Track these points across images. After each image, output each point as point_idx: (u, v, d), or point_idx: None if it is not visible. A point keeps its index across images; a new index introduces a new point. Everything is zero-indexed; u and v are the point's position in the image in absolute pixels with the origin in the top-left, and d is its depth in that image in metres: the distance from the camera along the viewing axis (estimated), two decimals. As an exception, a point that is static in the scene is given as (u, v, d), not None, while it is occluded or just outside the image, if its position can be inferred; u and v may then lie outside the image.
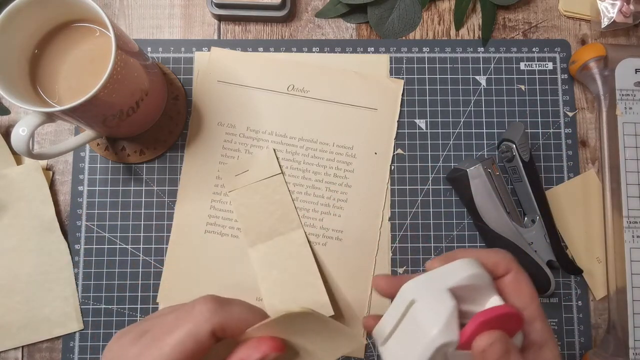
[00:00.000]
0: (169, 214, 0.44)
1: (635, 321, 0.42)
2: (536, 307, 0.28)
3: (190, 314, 0.24)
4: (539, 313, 0.28)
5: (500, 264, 0.28)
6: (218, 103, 0.46)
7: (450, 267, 0.26)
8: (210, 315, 0.24)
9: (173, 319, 0.25)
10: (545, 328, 0.27)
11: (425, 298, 0.25)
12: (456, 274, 0.25)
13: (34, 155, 0.35)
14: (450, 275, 0.26)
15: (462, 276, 0.25)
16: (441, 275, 0.26)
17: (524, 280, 0.28)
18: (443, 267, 0.27)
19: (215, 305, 0.25)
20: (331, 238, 0.44)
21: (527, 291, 0.28)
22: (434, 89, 0.46)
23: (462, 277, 0.25)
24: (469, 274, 0.25)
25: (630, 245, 0.43)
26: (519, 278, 0.28)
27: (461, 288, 0.25)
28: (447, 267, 0.26)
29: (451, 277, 0.25)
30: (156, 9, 0.48)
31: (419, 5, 0.47)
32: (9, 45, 0.35)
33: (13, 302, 0.43)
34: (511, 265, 0.28)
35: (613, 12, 0.45)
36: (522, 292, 0.28)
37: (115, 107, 0.36)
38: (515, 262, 0.29)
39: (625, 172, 0.44)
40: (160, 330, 0.25)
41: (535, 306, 0.28)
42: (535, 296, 0.28)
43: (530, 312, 0.27)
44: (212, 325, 0.24)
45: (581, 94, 0.47)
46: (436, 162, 0.46)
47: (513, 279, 0.28)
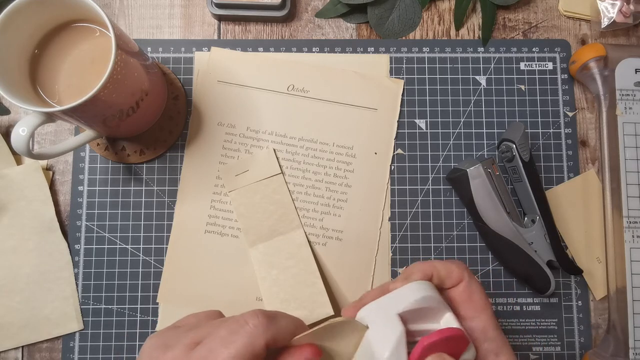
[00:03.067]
0: (169, 214, 0.44)
1: (635, 321, 0.42)
2: (488, 316, 0.29)
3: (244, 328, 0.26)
4: (491, 322, 0.29)
5: (453, 273, 0.29)
6: (218, 103, 0.46)
7: (401, 291, 0.28)
8: (264, 329, 0.25)
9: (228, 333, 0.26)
10: (499, 336, 0.28)
11: (377, 324, 0.26)
12: (405, 299, 0.27)
13: (34, 155, 0.35)
14: (400, 300, 0.27)
15: (410, 300, 0.26)
16: (392, 300, 0.27)
17: (475, 290, 0.29)
18: (394, 292, 0.28)
19: (266, 320, 0.26)
20: (331, 238, 0.44)
21: (478, 301, 0.29)
22: (434, 89, 0.46)
23: (410, 302, 0.26)
24: (417, 297, 0.27)
25: (630, 245, 0.43)
26: (470, 288, 0.29)
27: (411, 311, 0.26)
28: (397, 292, 0.28)
29: (400, 302, 0.27)
30: (156, 9, 0.48)
31: (419, 5, 0.47)
32: (9, 45, 0.35)
33: (13, 302, 0.43)
34: (463, 275, 0.29)
35: (613, 12, 0.45)
36: (473, 301, 0.29)
37: (115, 107, 0.36)
38: (468, 272, 0.30)
39: (625, 172, 0.44)
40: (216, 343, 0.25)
41: (487, 315, 0.29)
42: (486, 305, 0.29)
43: (482, 322, 0.29)
44: (266, 339, 0.25)
45: (581, 94, 0.47)
46: (436, 162, 0.46)
47: (464, 288, 0.29)
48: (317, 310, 0.41)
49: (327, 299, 0.41)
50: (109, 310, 0.43)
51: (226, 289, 0.43)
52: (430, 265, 0.30)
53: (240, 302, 0.43)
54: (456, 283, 0.30)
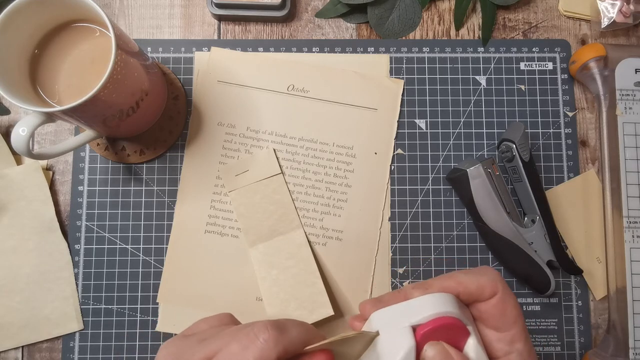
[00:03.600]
0: (169, 214, 0.44)
1: (635, 321, 0.42)
2: (519, 328, 0.27)
3: (255, 343, 0.25)
4: (521, 335, 0.27)
5: (487, 287, 0.27)
6: (218, 103, 0.46)
7: (419, 301, 0.26)
8: (274, 343, 0.25)
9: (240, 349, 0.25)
10: (527, 348, 0.27)
11: (388, 332, 0.26)
12: (421, 312, 0.25)
13: (34, 155, 0.35)
14: (416, 311, 0.26)
15: (425, 315, 0.25)
16: (408, 309, 0.26)
17: (509, 302, 0.28)
18: (413, 301, 0.27)
19: (276, 332, 0.26)
20: (331, 238, 0.44)
21: (511, 313, 0.27)
22: (434, 89, 0.46)
23: (424, 316, 0.25)
24: (433, 312, 0.25)
25: (630, 245, 0.43)
26: (504, 300, 0.28)
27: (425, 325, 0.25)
28: (416, 301, 0.26)
29: (416, 314, 0.25)
30: (156, 9, 0.48)
31: (419, 5, 0.47)
32: (9, 45, 0.35)
33: (13, 302, 0.43)
34: (497, 287, 0.28)
35: (613, 12, 0.45)
36: (506, 314, 0.27)
37: (115, 107, 0.36)
38: (503, 282, 0.28)
39: (625, 172, 0.44)
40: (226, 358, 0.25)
41: (518, 328, 0.27)
42: (519, 318, 0.28)
43: (513, 334, 0.27)
44: (278, 352, 0.25)
45: (581, 94, 0.47)
46: (436, 162, 0.46)
47: (498, 301, 0.27)
48: (317, 310, 0.41)
49: (327, 299, 0.41)
50: (109, 310, 0.43)
51: (226, 289, 0.43)
52: (456, 281, 0.28)
53: (240, 302, 0.43)
54: (490, 296, 0.27)
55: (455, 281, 0.28)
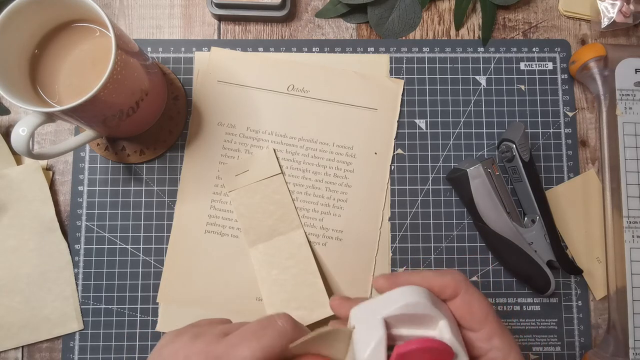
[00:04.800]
0: (169, 214, 0.44)
1: (635, 321, 0.42)
2: (492, 324, 0.28)
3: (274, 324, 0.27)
4: (495, 329, 0.28)
5: (448, 286, 0.28)
6: (218, 103, 0.46)
7: (390, 295, 0.27)
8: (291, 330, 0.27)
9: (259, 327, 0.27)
10: (505, 342, 0.28)
11: (362, 326, 0.27)
12: (391, 304, 0.26)
13: (34, 155, 0.35)
14: (386, 304, 0.27)
15: (395, 306, 0.26)
16: (380, 303, 0.27)
17: (474, 300, 0.28)
18: (385, 295, 0.28)
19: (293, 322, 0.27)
20: (331, 238, 0.44)
21: (478, 311, 0.28)
22: (434, 89, 0.46)
23: (394, 308, 0.26)
24: (402, 304, 0.26)
25: (630, 245, 0.43)
26: (468, 299, 0.28)
27: (397, 316, 0.26)
28: (388, 295, 0.28)
29: (386, 307, 0.26)
30: (156, 9, 0.48)
31: (419, 5, 0.47)
32: (9, 45, 0.35)
33: (13, 302, 0.43)
34: (459, 286, 0.28)
35: (613, 12, 0.45)
36: (473, 313, 0.28)
37: (115, 107, 0.36)
38: (465, 283, 0.29)
39: (625, 172, 0.44)
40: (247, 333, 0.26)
41: (490, 324, 0.28)
42: (489, 314, 0.28)
43: (487, 331, 0.28)
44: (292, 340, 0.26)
45: (581, 94, 0.47)
46: (436, 162, 0.46)
47: (462, 301, 0.28)
48: (317, 310, 0.41)
49: (327, 299, 0.41)
50: (109, 310, 0.43)
51: (226, 289, 0.43)
52: (422, 278, 0.29)
53: (240, 302, 0.43)
54: (452, 297, 0.29)
55: (421, 277, 0.29)
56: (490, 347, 0.28)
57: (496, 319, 0.28)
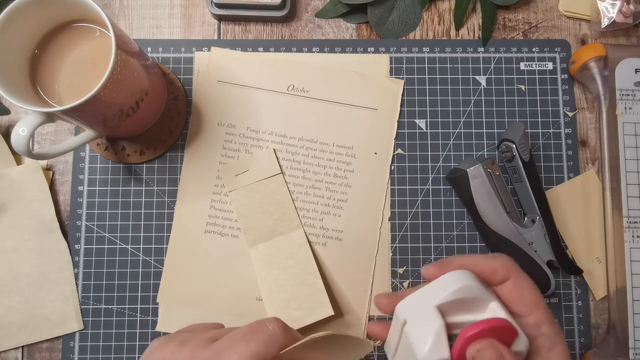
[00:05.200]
0: (169, 214, 0.44)
1: (635, 321, 0.42)
2: (542, 311, 0.27)
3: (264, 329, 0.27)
4: (545, 317, 0.27)
5: (498, 270, 0.28)
6: (218, 103, 0.46)
7: (438, 282, 0.27)
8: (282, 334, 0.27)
9: (249, 331, 0.27)
10: (553, 331, 0.27)
11: (415, 318, 0.26)
12: (443, 291, 0.26)
13: (34, 155, 0.35)
14: (437, 291, 0.26)
15: (448, 292, 0.25)
16: (429, 292, 0.27)
17: (526, 286, 0.28)
18: (432, 283, 0.27)
19: (284, 326, 0.27)
20: (331, 238, 0.44)
21: (529, 297, 0.27)
22: (434, 89, 0.46)
23: (447, 294, 0.25)
24: (455, 288, 0.25)
25: (630, 245, 0.43)
26: (520, 284, 0.28)
27: (450, 303, 0.25)
28: (435, 283, 0.27)
29: (438, 294, 0.26)
30: (156, 9, 0.48)
31: (419, 5, 0.47)
32: (9, 45, 0.35)
33: (13, 302, 0.43)
34: (510, 271, 0.28)
35: (613, 12, 0.45)
36: (524, 298, 0.27)
37: (115, 107, 0.36)
38: (516, 268, 0.28)
39: (625, 172, 0.44)
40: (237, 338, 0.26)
41: (540, 311, 0.27)
42: (539, 300, 0.28)
43: (536, 317, 0.27)
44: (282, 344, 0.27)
45: (581, 94, 0.47)
46: (436, 162, 0.46)
47: (513, 285, 0.28)
48: (317, 310, 0.41)
49: (327, 299, 0.41)
50: (109, 310, 0.43)
51: (226, 289, 0.43)
52: (472, 261, 0.28)
53: (240, 302, 0.43)
54: (502, 280, 0.28)
55: (471, 260, 0.28)
56: (538, 334, 0.27)
57: (546, 307, 0.28)
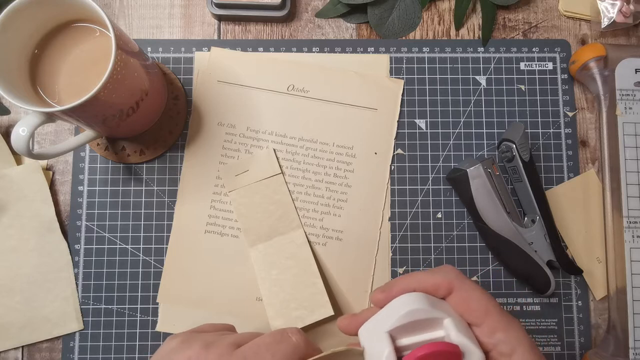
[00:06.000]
0: (169, 214, 0.44)
1: (635, 321, 0.42)
2: (494, 318, 0.27)
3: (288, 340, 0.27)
4: (499, 323, 0.27)
5: (440, 285, 0.28)
6: (218, 103, 0.46)
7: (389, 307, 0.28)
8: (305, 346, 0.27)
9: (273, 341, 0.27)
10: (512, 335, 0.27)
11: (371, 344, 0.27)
12: (392, 316, 0.27)
13: (34, 155, 0.35)
14: (388, 317, 0.27)
15: (396, 317, 0.26)
16: (382, 318, 0.28)
17: (472, 296, 0.28)
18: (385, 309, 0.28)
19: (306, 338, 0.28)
20: (331, 238, 0.44)
21: (477, 306, 0.27)
22: (434, 89, 0.46)
23: (396, 319, 0.26)
24: (403, 313, 0.26)
25: (630, 245, 0.43)
26: (463, 295, 0.28)
27: (402, 327, 0.26)
28: (387, 308, 0.28)
29: (388, 320, 0.27)
30: (156, 9, 0.48)
31: (419, 5, 0.47)
32: (9, 45, 0.35)
33: (13, 302, 0.42)
34: (452, 283, 0.28)
35: (613, 12, 0.45)
36: (471, 308, 0.27)
37: (115, 107, 0.36)
38: (459, 279, 0.28)
39: (625, 172, 0.44)
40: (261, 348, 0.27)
41: (492, 318, 0.27)
42: (489, 308, 0.27)
43: (488, 326, 0.27)
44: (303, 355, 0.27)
45: (581, 94, 0.47)
46: (436, 162, 0.46)
47: (458, 298, 0.28)
48: (317, 310, 0.41)
49: (327, 299, 0.41)
50: (109, 310, 0.43)
51: (226, 289, 0.43)
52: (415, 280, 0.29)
53: (240, 302, 0.43)
54: (446, 294, 0.28)
55: (413, 279, 0.29)
56: (495, 342, 0.27)
57: (498, 311, 0.27)
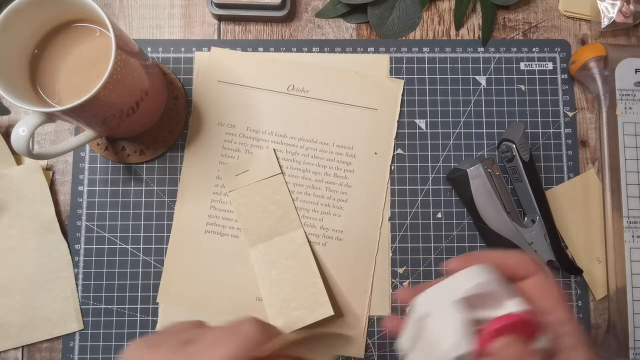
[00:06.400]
0: (169, 214, 0.44)
1: (635, 321, 0.42)
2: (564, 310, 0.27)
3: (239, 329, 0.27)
4: (566, 317, 0.27)
5: (520, 267, 0.28)
6: (218, 103, 0.46)
7: (458, 276, 0.27)
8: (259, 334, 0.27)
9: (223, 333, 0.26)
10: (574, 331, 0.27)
11: (436, 312, 0.26)
12: (464, 284, 0.26)
13: (34, 155, 0.35)
14: (458, 285, 0.26)
15: (469, 286, 0.25)
16: (450, 285, 0.26)
17: (548, 284, 0.28)
18: (452, 277, 0.27)
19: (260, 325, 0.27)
20: (331, 238, 0.44)
21: (552, 295, 0.27)
22: (434, 89, 0.46)
23: (468, 287, 0.25)
24: (476, 283, 0.25)
25: (630, 245, 0.43)
26: (542, 282, 0.28)
27: (470, 297, 0.25)
28: (456, 277, 0.27)
29: (459, 288, 0.26)
30: (156, 9, 0.48)
31: (419, 5, 0.47)
32: (9, 45, 0.35)
33: (13, 302, 0.43)
34: (533, 268, 0.28)
35: (613, 12, 0.45)
36: (546, 296, 0.27)
37: (115, 107, 0.36)
38: (539, 266, 0.28)
39: (625, 172, 0.44)
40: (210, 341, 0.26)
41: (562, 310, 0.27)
42: (562, 300, 0.27)
43: (559, 315, 0.27)
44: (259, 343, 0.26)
45: (581, 94, 0.47)
46: (436, 162, 0.46)
47: (535, 283, 0.28)
48: (317, 310, 0.41)
49: (327, 299, 0.41)
50: (109, 310, 0.43)
51: (226, 289, 0.43)
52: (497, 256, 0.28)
53: (240, 302, 0.43)
54: (524, 277, 0.28)
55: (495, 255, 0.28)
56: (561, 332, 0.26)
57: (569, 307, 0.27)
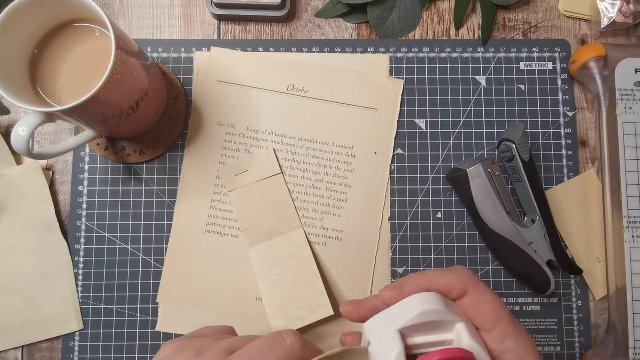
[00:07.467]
0: (169, 214, 0.44)
1: (635, 321, 0.42)
2: (506, 325, 0.26)
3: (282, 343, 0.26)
4: (510, 331, 0.26)
5: (454, 287, 0.27)
6: (218, 103, 0.46)
7: (403, 304, 0.27)
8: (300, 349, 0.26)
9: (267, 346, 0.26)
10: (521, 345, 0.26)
11: (378, 340, 0.26)
12: (406, 315, 0.26)
13: (34, 155, 0.35)
14: (401, 315, 0.26)
15: (410, 316, 0.26)
16: (394, 314, 0.27)
17: (485, 301, 0.27)
18: (398, 305, 0.27)
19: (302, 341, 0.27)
20: (331, 238, 0.44)
21: (489, 311, 0.27)
22: (434, 89, 0.46)
23: (410, 318, 0.26)
24: (417, 312, 0.26)
25: (630, 245, 0.43)
26: (477, 299, 0.27)
27: (413, 326, 0.26)
28: (400, 305, 0.27)
29: (401, 318, 0.26)
30: (156, 9, 0.48)
31: (419, 5, 0.47)
32: (9, 45, 0.35)
33: (13, 302, 0.42)
34: (467, 285, 0.27)
35: (613, 12, 0.45)
36: (484, 313, 0.27)
37: (115, 107, 0.36)
38: (474, 281, 0.27)
39: (625, 172, 0.44)
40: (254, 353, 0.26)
41: (504, 324, 0.26)
42: (502, 314, 0.27)
43: (499, 332, 0.26)
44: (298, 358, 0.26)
45: (581, 94, 0.47)
46: (436, 162, 0.46)
47: (471, 300, 0.27)
48: (317, 310, 0.41)
49: (327, 299, 0.41)
50: (109, 310, 0.43)
51: (226, 289, 0.43)
52: (427, 279, 0.28)
53: (240, 302, 0.43)
54: (459, 296, 0.27)
55: (426, 279, 0.28)
56: (504, 349, 0.26)
57: (510, 319, 0.27)
